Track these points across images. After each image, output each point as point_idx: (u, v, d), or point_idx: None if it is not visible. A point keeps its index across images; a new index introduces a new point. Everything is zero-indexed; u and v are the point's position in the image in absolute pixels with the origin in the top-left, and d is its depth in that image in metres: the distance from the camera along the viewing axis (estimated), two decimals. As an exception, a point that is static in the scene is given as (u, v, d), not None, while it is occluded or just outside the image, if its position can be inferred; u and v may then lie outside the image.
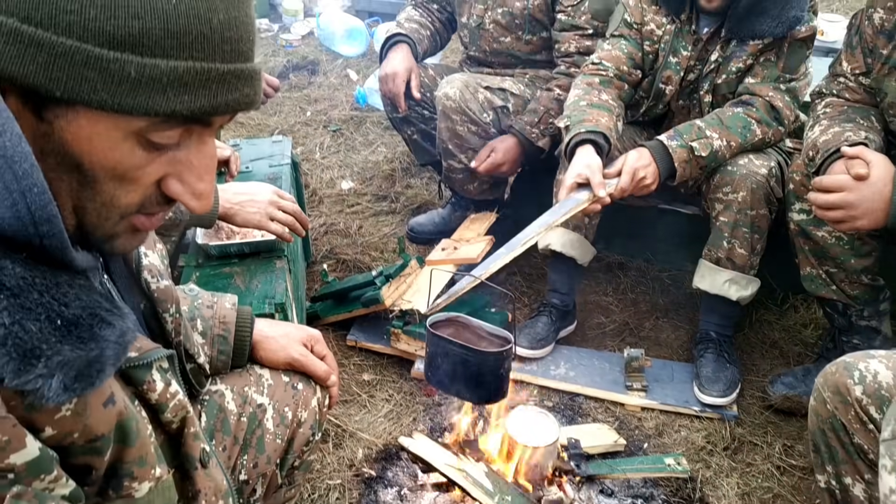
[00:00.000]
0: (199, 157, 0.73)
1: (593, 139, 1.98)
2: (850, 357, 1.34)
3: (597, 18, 2.36)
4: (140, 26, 0.62)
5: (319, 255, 2.74)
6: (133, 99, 0.64)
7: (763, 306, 2.51)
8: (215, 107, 0.68)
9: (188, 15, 0.64)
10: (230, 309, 1.23)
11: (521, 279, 2.67)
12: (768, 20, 1.97)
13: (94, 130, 0.66)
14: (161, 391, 0.82)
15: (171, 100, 0.65)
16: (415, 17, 2.68)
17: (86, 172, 0.68)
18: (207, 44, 0.65)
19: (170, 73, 0.64)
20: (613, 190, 1.95)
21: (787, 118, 2.07)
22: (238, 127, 3.65)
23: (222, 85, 0.67)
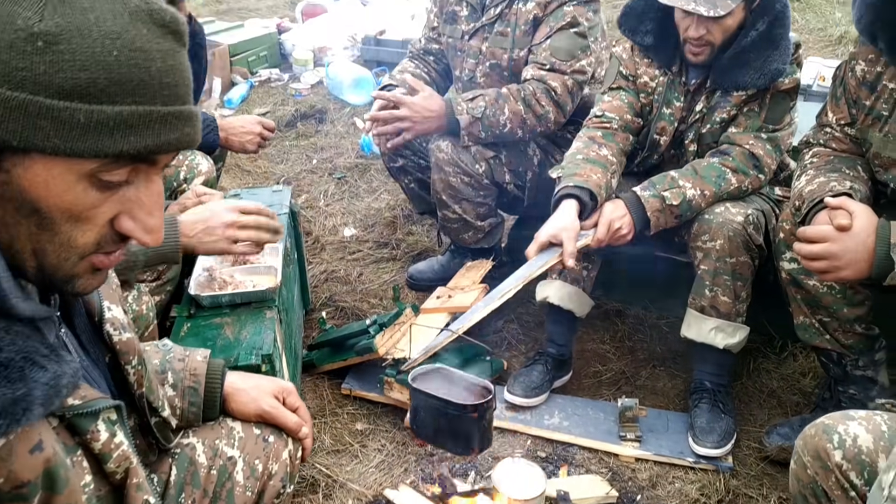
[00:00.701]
0: (147, 194, 0.79)
1: (578, 195, 2.01)
2: (828, 419, 1.32)
3: (555, 56, 2.40)
4: (86, 77, 0.69)
5: (318, 303, 2.76)
6: (84, 143, 0.71)
7: (761, 354, 2.49)
8: (159, 145, 0.75)
9: (129, 64, 0.71)
10: (201, 362, 1.25)
11: (517, 327, 2.67)
12: (751, 72, 2.01)
13: (49, 175, 0.72)
14: (105, 441, 0.84)
15: (118, 141, 0.72)
16: (409, 68, 2.74)
17: (43, 215, 0.74)
18: (148, 89, 0.73)
19: (115, 117, 0.71)
20: (590, 241, 2.00)
21: (768, 166, 2.09)
22: (244, 175, 3.72)
23: (164, 125, 0.75)
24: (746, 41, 2.01)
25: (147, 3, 0.75)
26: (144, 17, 0.74)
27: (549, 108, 2.39)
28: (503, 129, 2.39)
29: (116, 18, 0.72)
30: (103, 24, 0.71)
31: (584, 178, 2.04)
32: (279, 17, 5.66)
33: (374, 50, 4.87)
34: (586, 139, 2.21)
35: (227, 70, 4.64)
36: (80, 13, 0.70)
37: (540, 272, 1.98)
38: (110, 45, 0.70)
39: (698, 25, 2.00)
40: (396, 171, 2.75)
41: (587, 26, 2.40)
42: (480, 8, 2.55)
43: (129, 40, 0.72)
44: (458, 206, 2.52)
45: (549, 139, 2.58)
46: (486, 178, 2.48)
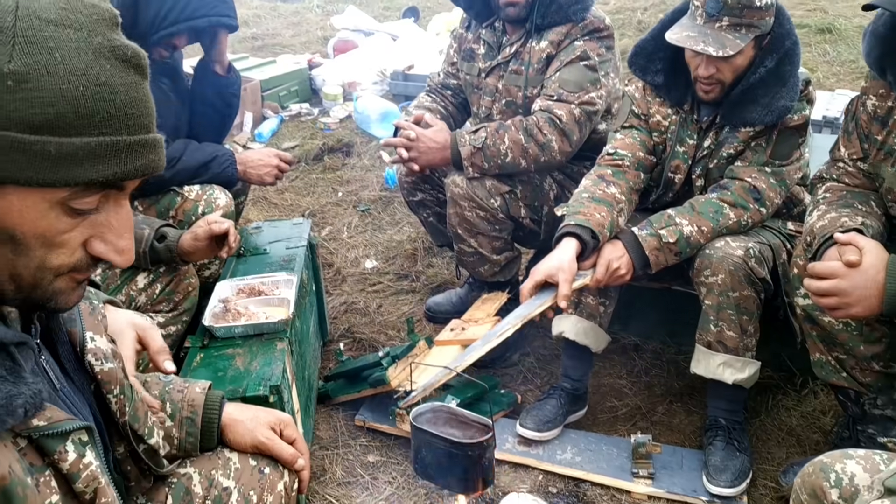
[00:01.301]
0: (116, 218, 0.85)
1: (579, 234, 2.02)
2: (827, 457, 1.30)
3: (563, 87, 2.43)
4: (55, 112, 0.75)
5: (337, 334, 2.79)
6: (55, 173, 0.76)
7: (781, 391, 2.44)
8: (126, 172, 0.80)
9: (94, 98, 0.77)
10: (199, 393, 1.28)
11: (533, 360, 2.67)
12: (759, 109, 2.01)
13: (23, 204, 0.78)
14: (73, 461, 0.87)
15: (87, 170, 0.78)
16: (425, 102, 2.79)
17: (18, 242, 0.79)
18: (114, 120, 0.79)
19: (84, 148, 0.77)
20: (588, 280, 2.03)
21: (771, 199, 2.09)
22: (271, 207, 3.79)
23: (130, 153, 0.80)
24: (755, 78, 2.01)
25: (109, 41, 0.80)
26: (107, 54, 0.79)
27: (553, 136, 2.41)
28: (504, 159, 2.42)
29: (81, 56, 0.77)
30: (69, 61, 0.76)
31: (587, 216, 2.05)
32: (311, 53, 5.79)
33: (402, 84, 4.96)
34: (595, 177, 2.22)
35: (258, 105, 4.76)
36: (46, 52, 0.75)
37: (537, 313, 2.00)
38: (76, 81, 0.76)
39: (708, 64, 2.01)
40: (415, 204, 2.79)
41: (598, 60, 2.43)
42: (497, 46, 2.60)
43: (93, 76, 0.77)
44: (473, 240, 2.54)
45: (565, 174, 2.60)
46: (501, 213, 2.50)
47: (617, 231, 2.14)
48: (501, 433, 2.30)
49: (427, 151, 2.47)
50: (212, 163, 2.34)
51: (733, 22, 1.95)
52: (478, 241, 2.54)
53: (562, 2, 2.42)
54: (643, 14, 6.27)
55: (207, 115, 2.50)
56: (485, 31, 2.63)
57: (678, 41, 1.98)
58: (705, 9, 1.96)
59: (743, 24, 1.95)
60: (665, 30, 2.06)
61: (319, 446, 2.26)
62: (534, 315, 1.99)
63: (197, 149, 2.34)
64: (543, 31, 2.47)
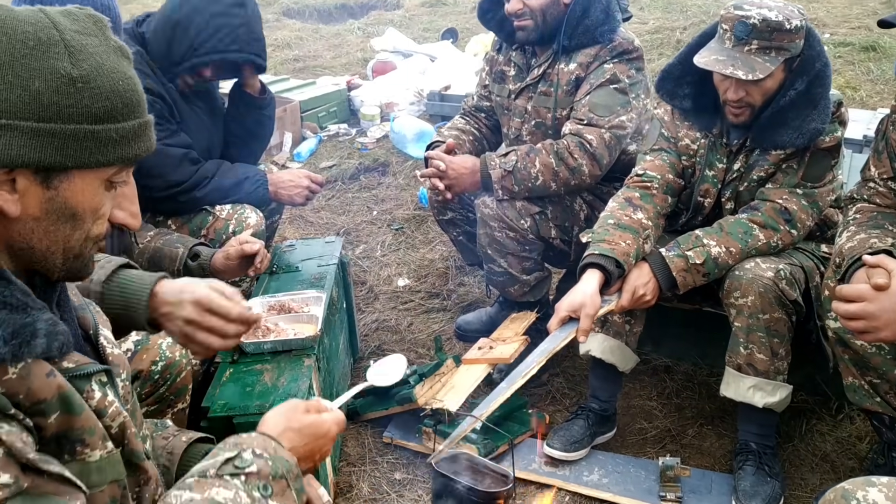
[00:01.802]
0: (129, 188, 1.04)
1: (603, 265, 2.02)
2: (849, 484, 1.28)
3: (593, 111, 2.45)
4: (110, 105, 0.93)
5: (367, 351, 2.82)
6: (115, 153, 0.94)
7: (816, 416, 2.39)
8: (148, 147, 0.99)
9: (127, 90, 0.95)
10: (183, 443, 1.29)
11: (563, 380, 2.66)
12: (789, 131, 1.99)
13: (84, 185, 0.94)
14: (99, 399, 1.00)
15: (133, 147, 0.96)
16: (458, 124, 2.83)
17: (78, 217, 0.96)
18: (138, 106, 0.97)
19: (131, 130, 0.95)
20: (613, 306, 2.04)
21: (802, 221, 2.06)
22: (307, 226, 3.86)
23: (146, 131, 0.99)
24: (785, 101, 1.99)
25: (115, 42, 0.97)
26: (119, 53, 0.96)
27: (583, 160, 2.42)
28: (535, 182, 2.43)
29: (111, 56, 0.94)
30: (108, 62, 0.93)
31: (612, 245, 2.05)
32: (351, 75, 5.89)
33: (438, 105, 5.01)
34: (623, 200, 2.21)
35: (297, 125, 4.85)
36: (94, 57, 0.92)
37: (560, 347, 2.00)
38: (116, 76, 0.93)
39: (737, 88, 1.99)
40: (445, 223, 2.82)
41: (628, 83, 2.44)
42: (526, 68, 2.62)
43: (122, 72, 0.95)
44: (503, 260, 2.56)
45: (595, 195, 2.60)
46: (531, 234, 2.51)
47: (645, 254, 2.13)
48: (529, 453, 2.30)
49: (458, 178, 2.51)
50: (244, 183, 2.40)
51: (762, 45, 1.94)
52: (507, 261, 2.56)
53: (588, 24, 2.43)
54: (682, 34, 6.23)
55: (242, 136, 2.57)
56: (515, 54, 2.66)
57: (707, 65, 1.97)
58: (734, 32, 1.95)
59: (772, 48, 1.94)
60: (692, 54, 2.06)
61: (347, 462, 2.29)
62: (557, 350, 2.00)
63: (229, 169, 2.41)
64: (572, 52, 2.49)
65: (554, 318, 2.03)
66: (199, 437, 1.33)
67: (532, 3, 2.44)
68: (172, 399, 1.76)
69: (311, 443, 1.20)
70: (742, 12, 1.94)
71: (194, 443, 1.32)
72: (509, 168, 2.43)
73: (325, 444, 1.24)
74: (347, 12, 8.78)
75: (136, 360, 1.66)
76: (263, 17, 7.74)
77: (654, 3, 7.45)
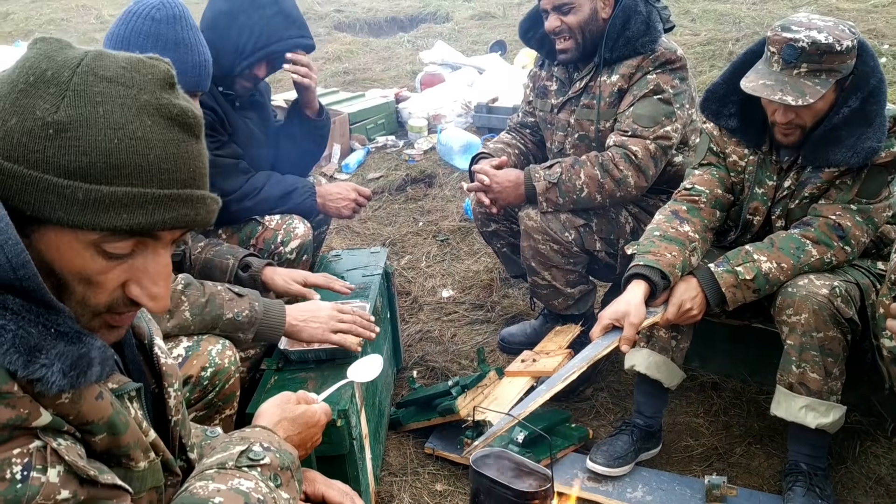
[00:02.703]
0: (153, 265, 0.90)
1: (649, 276, 2.00)
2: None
3: (637, 122, 2.43)
4: (87, 161, 0.81)
5: (411, 362, 2.83)
6: (83, 217, 0.82)
7: (870, 437, 2.32)
8: (152, 223, 0.85)
9: (127, 152, 0.83)
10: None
11: (607, 395, 2.63)
12: (843, 150, 1.94)
13: (59, 242, 0.84)
14: (135, 416, 1.00)
15: (112, 217, 0.83)
16: (503, 138, 2.84)
17: (59, 276, 0.86)
18: (144, 173, 0.84)
19: (110, 196, 0.82)
20: (658, 318, 2.00)
21: (857, 238, 2.00)
22: (354, 236, 3.90)
23: (158, 206, 0.85)
24: (838, 118, 1.94)
25: (157, 98, 0.86)
26: (151, 111, 0.85)
27: (629, 172, 2.40)
28: (580, 194, 2.42)
29: (124, 111, 0.83)
30: (110, 115, 0.82)
31: (657, 257, 2.03)
32: (399, 87, 5.95)
33: (485, 117, 5.02)
34: (669, 213, 2.19)
35: (346, 137, 4.91)
36: (91, 106, 0.82)
37: (603, 355, 1.98)
38: (112, 134, 0.82)
39: (786, 111, 1.94)
40: (489, 235, 2.82)
41: (672, 93, 2.41)
42: (568, 82, 2.62)
43: (130, 130, 0.83)
44: (547, 272, 2.55)
45: (641, 207, 2.57)
46: (575, 246, 2.50)
47: (693, 268, 2.10)
48: (571, 468, 2.28)
49: (502, 192, 2.51)
50: (292, 194, 2.44)
51: (812, 68, 1.88)
52: (552, 273, 2.54)
53: (629, 35, 2.41)
54: (734, 45, 6.14)
55: (294, 151, 2.61)
56: (557, 69, 2.66)
57: (754, 90, 1.93)
58: (782, 55, 1.90)
59: (823, 70, 1.89)
60: (736, 73, 2.03)
61: (388, 472, 2.30)
62: (599, 357, 1.98)
63: (279, 181, 2.45)
64: (614, 64, 2.48)
65: (597, 325, 2.01)
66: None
67: (570, 20, 2.44)
68: (221, 405, 1.80)
69: (304, 431, 1.31)
70: (790, 34, 1.89)
71: None
72: (554, 180, 2.43)
73: (316, 432, 1.35)
74: (398, 25, 8.89)
75: (186, 366, 1.70)
76: (315, 30, 7.92)
77: (706, 15, 7.36)
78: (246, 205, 2.35)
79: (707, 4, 7.74)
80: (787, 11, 7.33)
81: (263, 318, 1.85)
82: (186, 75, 1.77)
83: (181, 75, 1.75)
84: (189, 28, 1.77)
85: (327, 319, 1.94)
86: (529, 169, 2.50)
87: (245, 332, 1.83)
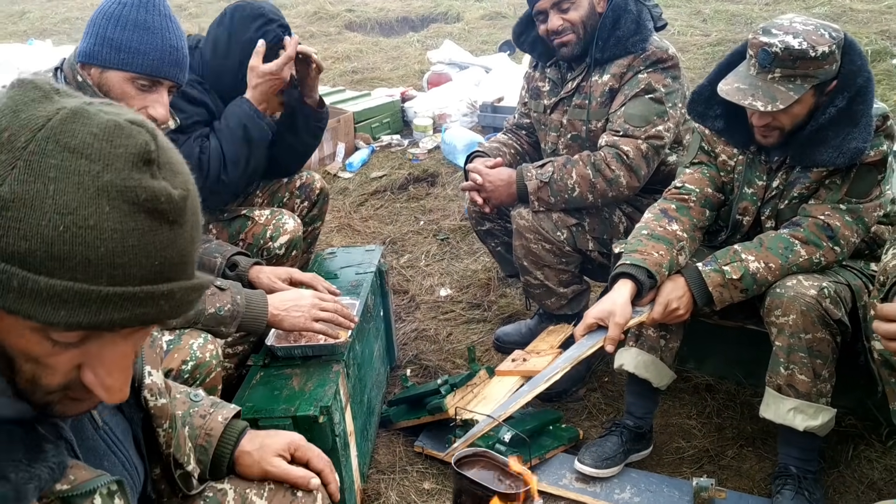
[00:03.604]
0: (109, 354, 0.79)
1: (634, 274, 1.98)
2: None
3: (629, 122, 2.42)
4: (26, 246, 0.70)
5: (405, 360, 2.83)
6: (18, 305, 0.71)
7: (864, 441, 2.29)
8: (95, 323, 0.73)
9: (73, 241, 0.70)
10: (220, 422, 1.31)
11: (600, 396, 2.61)
12: (829, 150, 1.92)
13: (2, 321, 0.75)
14: None
15: (48, 312, 0.71)
16: (500, 138, 2.84)
17: (5, 353, 0.77)
18: (91, 268, 0.71)
19: (48, 290, 0.71)
20: (644, 318, 1.99)
21: (846, 238, 1.98)
22: (354, 234, 3.90)
23: (105, 305, 0.72)
24: (824, 118, 1.92)
25: (123, 179, 0.72)
26: (113, 193, 0.72)
27: (620, 172, 2.38)
28: (572, 194, 2.41)
29: (79, 192, 0.71)
30: (60, 196, 0.70)
31: (644, 255, 2.02)
32: (407, 86, 5.95)
33: (490, 116, 5.01)
34: (658, 211, 2.18)
35: (350, 136, 4.92)
36: (41, 183, 0.70)
37: (587, 355, 1.98)
38: (58, 219, 0.70)
39: (762, 115, 1.94)
40: (483, 234, 2.81)
41: (664, 92, 2.40)
42: (561, 83, 2.61)
43: (81, 217, 0.70)
44: (539, 272, 2.54)
45: (634, 207, 2.56)
46: (567, 246, 2.49)
47: (681, 266, 2.09)
48: (559, 468, 2.27)
49: (494, 190, 2.52)
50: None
51: (786, 73, 1.87)
52: (544, 273, 2.53)
53: (620, 35, 2.40)
54: (744, 45, 6.10)
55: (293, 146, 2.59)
56: (550, 70, 2.66)
57: (727, 94, 1.93)
58: (758, 59, 1.90)
59: (797, 76, 1.87)
60: (721, 75, 2.02)
61: (377, 470, 2.30)
62: (583, 357, 1.98)
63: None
64: (605, 64, 2.47)
65: (581, 324, 2.00)
66: (234, 413, 1.35)
67: (572, 16, 2.44)
68: (202, 399, 1.80)
69: None
70: (766, 38, 1.88)
71: (231, 419, 1.34)
72: (545, 179, 2.42)
73: None
74: (408, 25, 8.90)
75: (167, 360, 1.71)
76: (325, 30, 7.89)
77: (717, 15, 7.32)
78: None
79: (719, 5, 7.70)
80: (799, 12, 7.27)
81: (246, 311, 1.86)
82: (145, 57, 1.71)
83: (139, 57, 1.73)
84: (157, 13, 1.72)
85: (309, 308, 1.94)
86: (521, 168, 2.49)
87: (227, 325, 1.83)
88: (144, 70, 1.72)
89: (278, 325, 1.93)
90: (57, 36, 8.30)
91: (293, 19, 8.56)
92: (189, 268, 0.79)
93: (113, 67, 1.72)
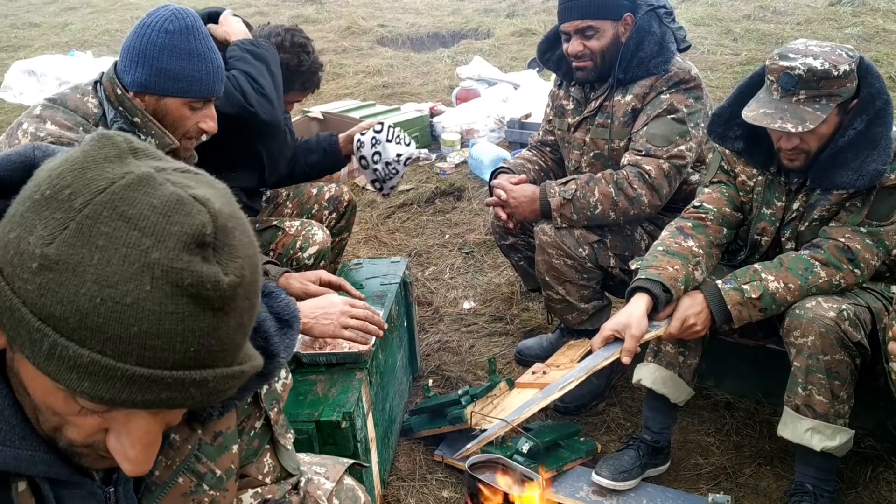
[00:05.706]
0: (135, 427, 0.77)
1: (650, 289, 2.02)
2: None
3: (651, 142, 2.46)
4: (61, 311, 0.69)
5: (427, 370, 2.88)
6: (46, 366, 0.71)
7: (883, 463, 2.29)
8: (118, 401, 0.72)
9: (107, 316, 0.69)
10: None
11: (619, 410, 2.64)
12: (849, 173, 1.94)
13: (31, 374, 0.76)
14: None
15: (73, 379, 0.71)
16: (525, 154, 2.90)
17: (34, 401, 0.79)
18: (121, 345, 0.69)
19: (76, 358, 0.70)
20: (661, 332, 2.02)
21: (866, 261, 1.99)
22: (381, 246, 3.97)
23: (129, 384, 0.71)
24: (843, 140, 1.95)
25: (171, 259, 0.69)
26: (158, 273, 0.69)
27: (643, 191, 2.42)
28: (594, 211, 2.45)
29: (123, 266, 0.69)
30: (103, 267, 0.69)
31: (659, 270, 2.05)
32: (436, 101, 6.03)
33: (517, 132, 5.07)
34: (674, 229, 2.21)
35: (379, 149, 5.00)
36: (88, 249, 0.69)
37: (602, 366, 2.01)
38: (96, 291, 0.69)
39: (790, 138, 1.96)
40: (506, 248, 2.86)
41: (686, 112, 2.43)
42: (584, 101, 2.66)
43: (120, 292, 0.69)
44: (561, 287, 2.58)
45: (656, 225, 2.59)
46: (589, 262, 2.53)
47: (699, 283, 2.12)
48: (577, 480, 2.30)
49: (518, 206, 2.57)
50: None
51: (811, 94, 1.90)
52: (566, 288, 2.57)
53: (643, 56, 2.45)
54: (774, 65, 6.09)
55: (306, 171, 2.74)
56: (574, 88, 2.70)
57: (754, 120, 1.95)
58: (780, 83, 1.92)
59: (822, 95, 1.90)
60: (742, 96, 2.05)
61: (397, 477, 2.34)
62: (598, 368, 2.02)
63: None
64: (628, 84, 2.51)
65: (598, 336, 2.04)
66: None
67: (594, 45, 2.48)
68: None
69: None
70: (787, 63, 1.91)
71: None
72: (568, 196, 2.46)
73: None
74: (439, 41, 9.00)
75: None
76: (357, 45, 8.00)
77: (748, 35, 7.31)
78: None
79: (750, 24, 7.68)
80: (832, 32, 7.23)
81: None
82: (201, 83, 1.83)
83: (196, 84, 1.83)
84: (201, 37, 1.83)
85: (338, 315, 1.98)
86: (545, 185, 2.54)
87: None
88: (202, 95, 1.85)
89: (308, 333, 1.98)
90: (97, 48, 8.51)
91: (326, 34, 8.72)
92: (230, 355, 0.76)
93: (171, 95, 1.84)
